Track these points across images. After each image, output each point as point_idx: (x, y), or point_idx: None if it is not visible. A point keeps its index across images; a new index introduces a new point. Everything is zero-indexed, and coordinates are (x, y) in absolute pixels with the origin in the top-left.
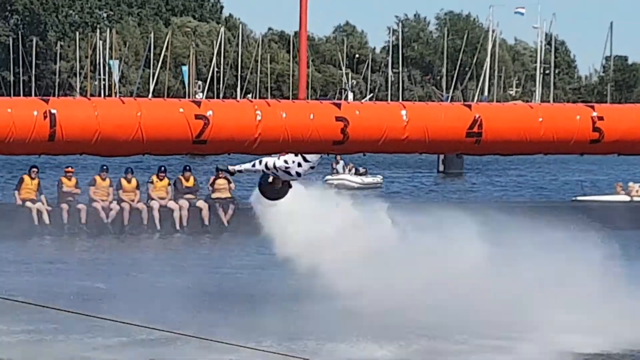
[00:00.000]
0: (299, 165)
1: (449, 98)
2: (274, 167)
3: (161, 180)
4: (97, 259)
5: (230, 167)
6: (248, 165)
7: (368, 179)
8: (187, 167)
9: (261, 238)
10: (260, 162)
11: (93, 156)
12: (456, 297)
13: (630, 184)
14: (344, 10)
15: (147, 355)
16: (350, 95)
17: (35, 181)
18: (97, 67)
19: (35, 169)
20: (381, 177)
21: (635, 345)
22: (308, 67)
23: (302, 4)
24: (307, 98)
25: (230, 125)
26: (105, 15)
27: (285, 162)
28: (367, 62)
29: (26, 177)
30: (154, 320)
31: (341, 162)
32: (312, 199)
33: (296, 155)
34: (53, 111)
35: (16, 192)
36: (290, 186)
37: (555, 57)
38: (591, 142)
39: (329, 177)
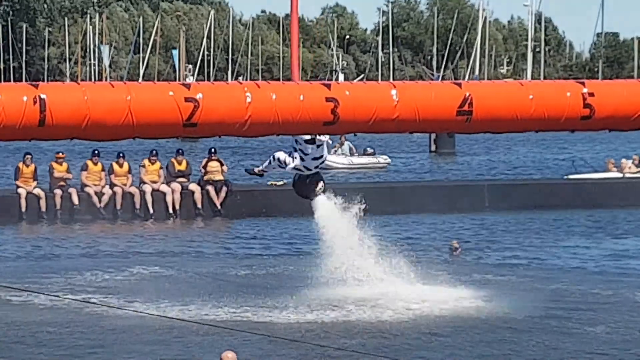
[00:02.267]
0: (302, 159)
1: (440, 77)
2: (284, 162)
3: (153, 164)
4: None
5: (256, 169)
6: (265, 163)
7: (360, 160)
8: (180, 151)
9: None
10: (274, 159)
11: (83, 141)
12: None
13: (623, 160)
14: None
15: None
16: (341, 76)
17: (30, 168)
18: (87, 52)
19: (29, 156)
20: (386, 157)
21: None
22: (299, 48)
23: None
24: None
25: (220, 107)
26: (95, 0)
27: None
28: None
29: (21, 165)
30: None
31: (346, 144)
32: None
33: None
34: (43, 96)
35: (16, 182)
36: (319, 186)
37: (546, 35)
38: (582, 118)
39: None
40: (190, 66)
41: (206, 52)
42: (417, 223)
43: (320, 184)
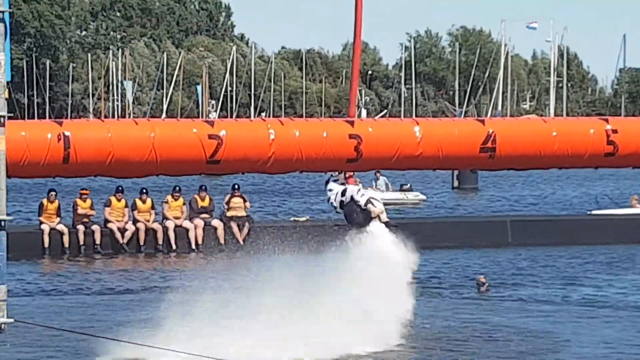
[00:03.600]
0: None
1: (462, 113)
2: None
3: (176, 200)
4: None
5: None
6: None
7: (395, 195)
8: (203, 187)
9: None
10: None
11: (107, 177)
12: None
13: None
14: None
15: None
16: (364, 112)
17: (54, 204)
18: (110, 88)
19: (53, 192)
20: (417, 193)
21: None
22: (321, 83)
23: (357, 19)
24: (321, 115)
25: (244, 144)
26: (118, 36)
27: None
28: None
29: (45, 201)
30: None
31: (382, 179)
32: None
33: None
34: (67, 133)
35: (40, 217)
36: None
37: (569, 70)
38: (606, 155)
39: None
40: (213, 102)
41: (229, 88)
42: (441, 259)
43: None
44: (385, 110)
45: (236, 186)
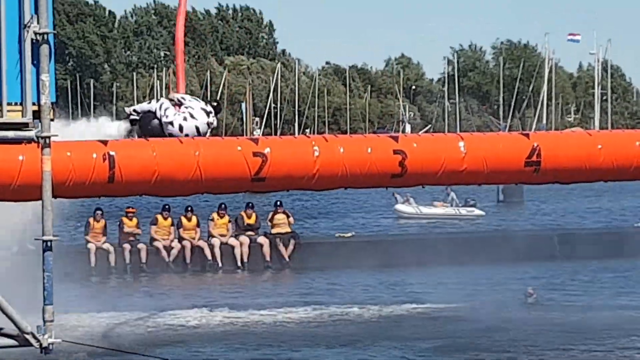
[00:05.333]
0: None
1: (507, 127)
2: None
3: (222, 217)
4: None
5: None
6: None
7: (460, 211)
8: (250, 204)
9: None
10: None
11: (152, 197)
12: None
13: None
14: (399, 42)
15: None
16: (408, 127)
17: (101, 223)
18: None
19: (99, 212)
20: (475, 208)
21: None
22: (364, 99)
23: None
24: (366, 131)
25: (288, 161)
26: (162, 54)
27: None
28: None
29: (91, 220)
30: None
31: (452, 194)
32: None
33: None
34: (112, 153)
35: (86, 237)
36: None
37: (613, 82)
38: None
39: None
40: (257, 119)
41: (273, 105)
42: (491, 272)
43: None
44: (430, 125)
45: (279, 203)
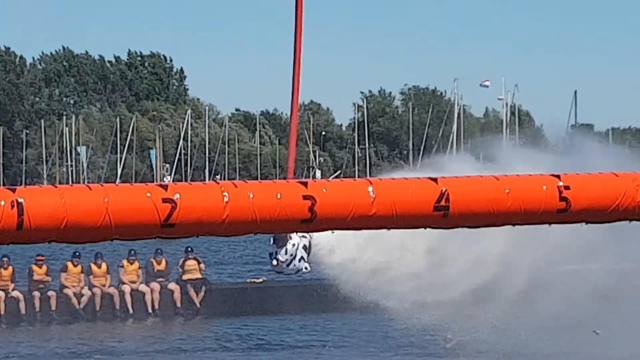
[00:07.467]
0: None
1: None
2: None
3: (132, 263)
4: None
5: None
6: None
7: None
8: (159, 250)
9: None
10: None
11: (62, 243)
12: None
13: None
14: (308, 88)
15: None
16: (318, 173)
17: (8, 270)
18: (65, 153)
19: (6, 258)
20: None
21: None
22: (273, 145)
23: (294, 86)
24: (276, 177)
25: (198, 207)
26: (72, 102)
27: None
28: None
29: None
30: None
31: None
32: None
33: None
34: (20, 200)
35: None
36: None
37: (521, 127)
38: (558, 211)
39: None
40: (167, 165)
41: (183, 152)
42: None
43: None
44: (339, 171)
45: (189, 249)
